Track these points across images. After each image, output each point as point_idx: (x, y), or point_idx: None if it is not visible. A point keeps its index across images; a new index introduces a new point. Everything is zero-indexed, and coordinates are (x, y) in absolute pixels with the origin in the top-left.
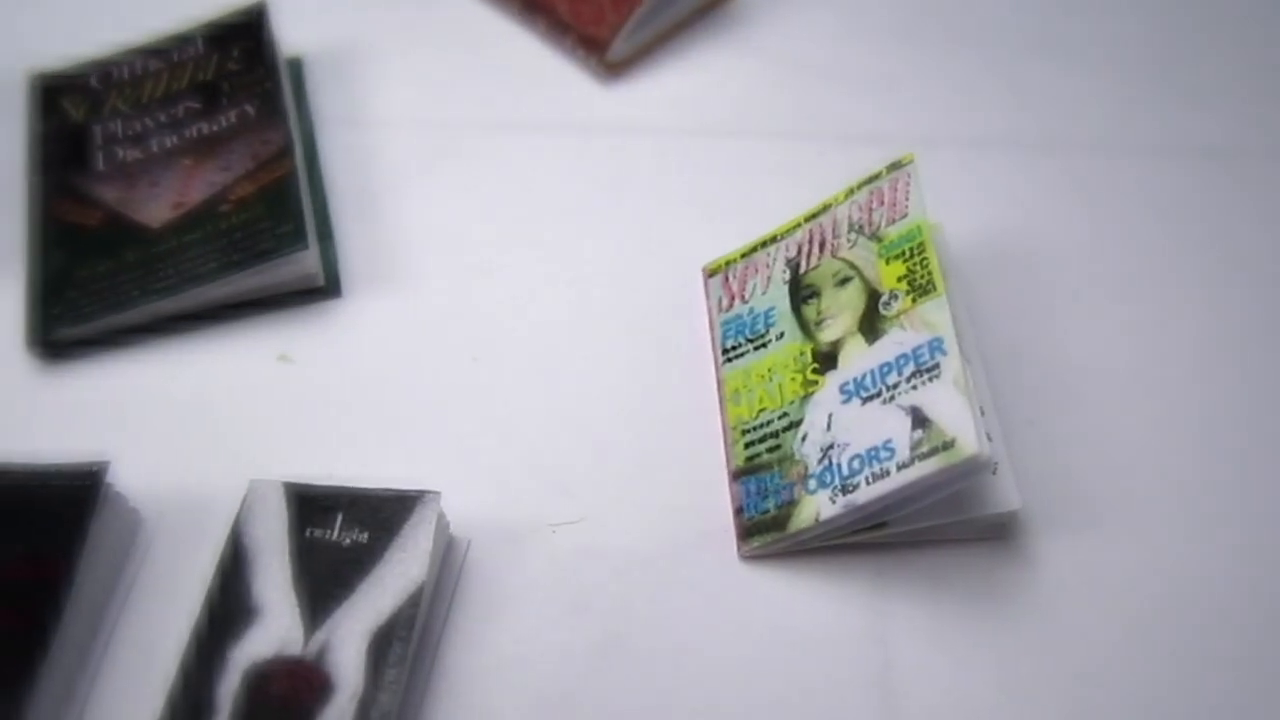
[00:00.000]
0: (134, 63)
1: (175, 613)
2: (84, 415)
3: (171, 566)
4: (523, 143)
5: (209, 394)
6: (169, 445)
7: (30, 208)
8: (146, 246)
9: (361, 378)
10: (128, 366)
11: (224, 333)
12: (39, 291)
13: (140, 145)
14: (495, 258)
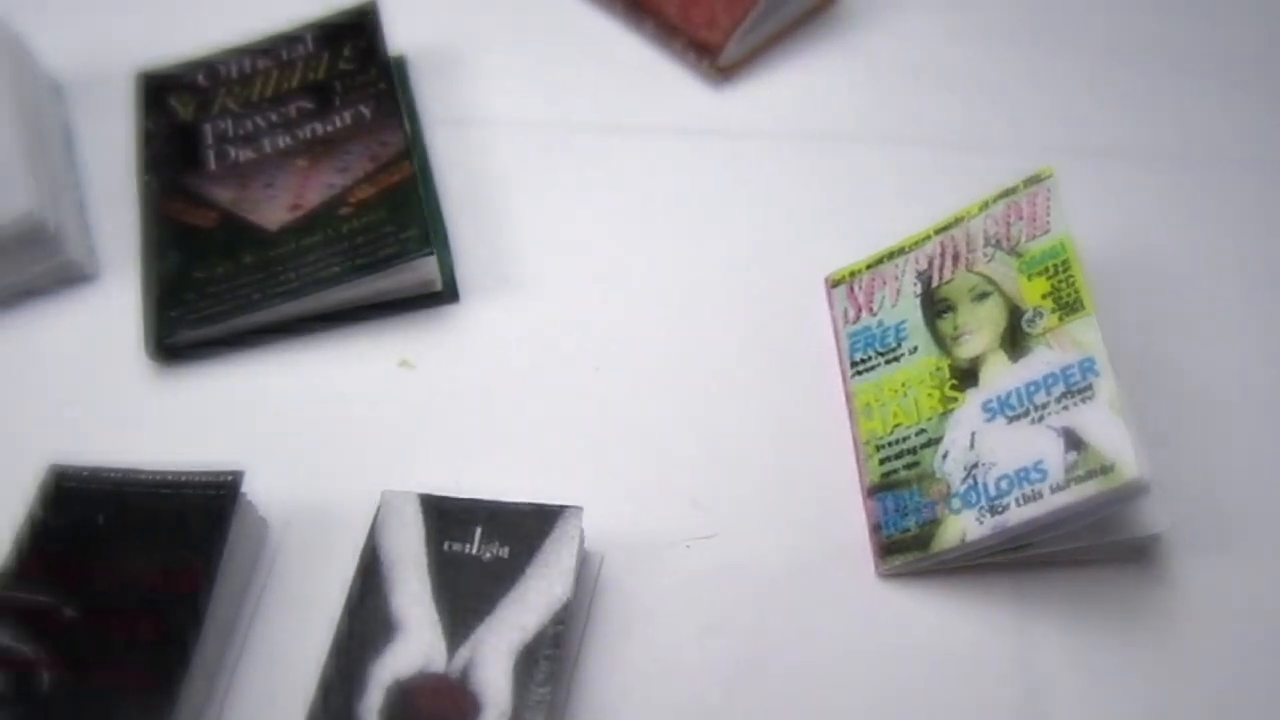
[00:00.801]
0: (242, 61)
1: (305, 623)
2: (201, 420)
3: (300, 576)
4: (633, 145)
5: (329, 399)
6: (290, 451)
7: (142, 207)
8: (265, 249)
9: (482, 384)
10: (244, 370)
11: (343, 337)
12: (156, 293)
13: (252, 145)
14: (611, 263)
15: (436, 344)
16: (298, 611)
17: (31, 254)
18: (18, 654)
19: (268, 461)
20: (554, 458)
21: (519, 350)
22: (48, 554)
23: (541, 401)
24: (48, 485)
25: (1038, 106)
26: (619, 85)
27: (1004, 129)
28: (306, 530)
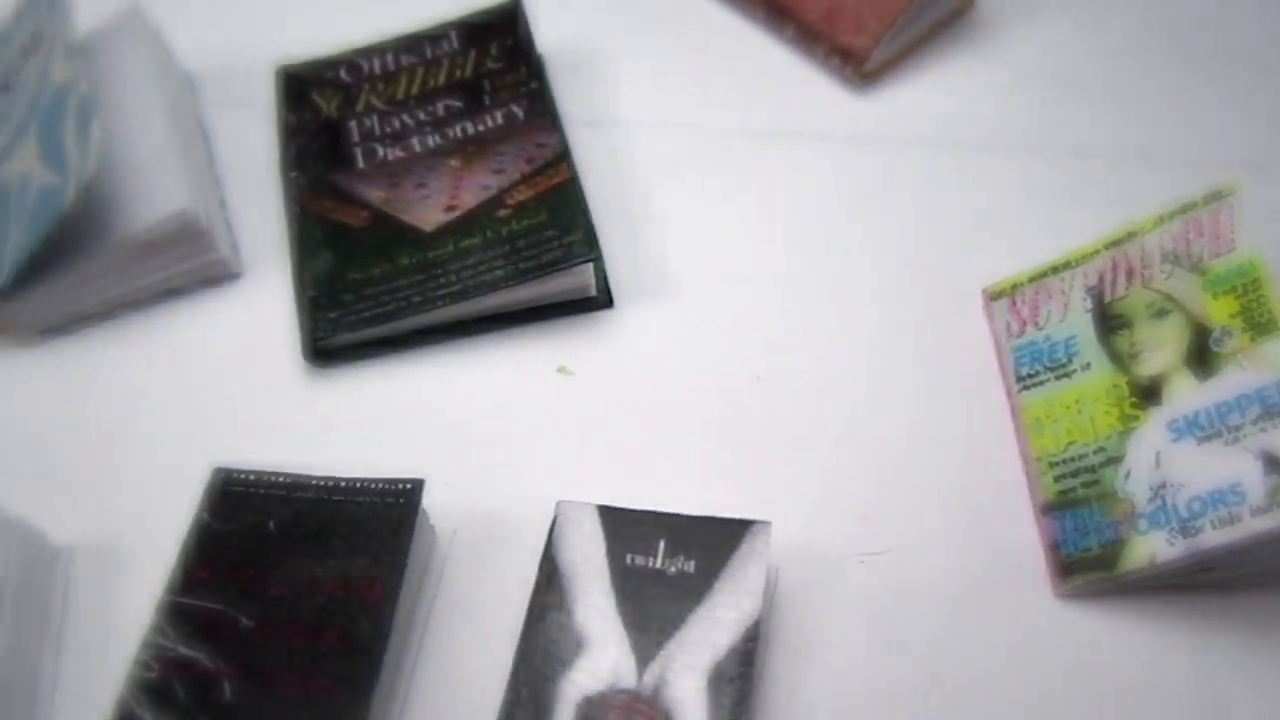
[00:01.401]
0: (384, 58)
1: (478, 634)
2: (355, 423)
3: (470, 585)
4: (776, 151)
5: (487, 406)
6: (450, 458)
7: (287, 204)
8: (421, 250)
9: (641, 392)
10: (398, 373)
11: (498, 342)
12: (310, 293)
13: (401, 144)
14: (762, 270)
15: (594, 350)
16: (469, 622)
17: (183, 252)
18: (197, 662)
19: (427, 468)
20: (718, 468)
21: (677, 358)
22: (217, 560)
23: (703, 411)
24: (213, 489)
25: (1179, 119)
26: (759, 89)
27: (1150, 142)
28: (474, 539)
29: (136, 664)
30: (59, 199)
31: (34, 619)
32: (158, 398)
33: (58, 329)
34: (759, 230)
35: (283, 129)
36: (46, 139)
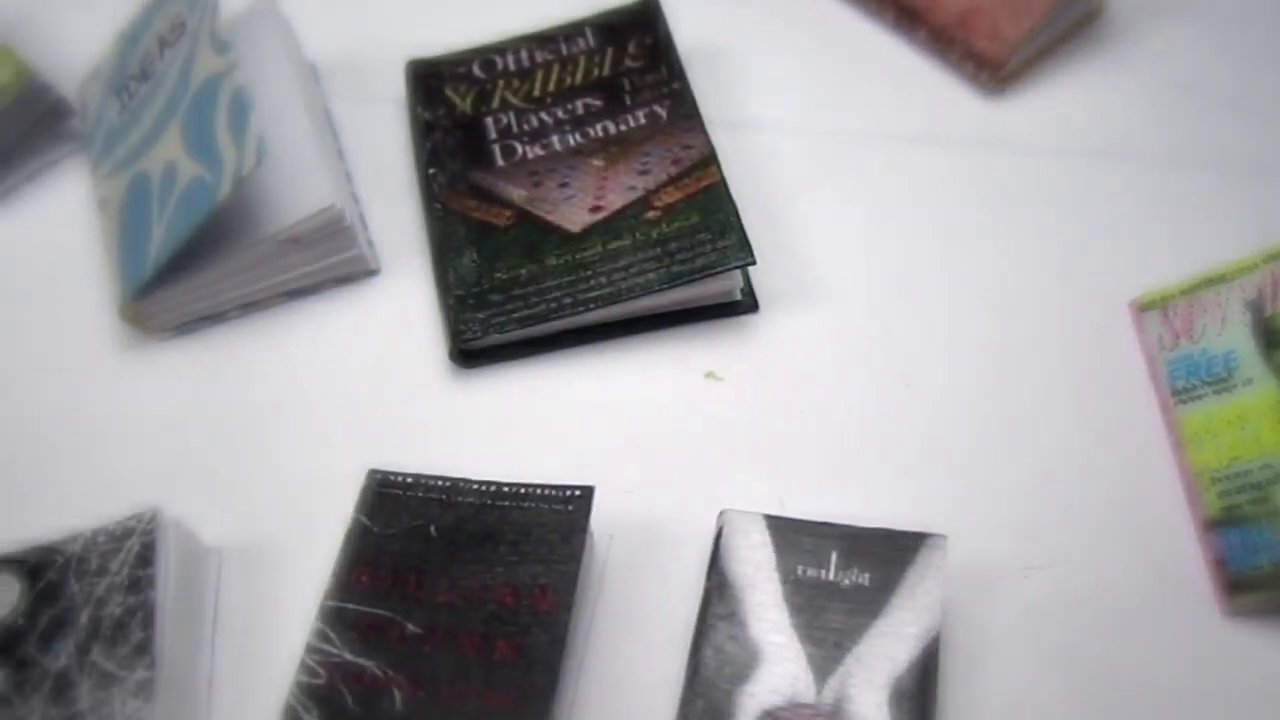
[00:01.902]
0: (519, 54)
1: (641, 643)
2: (500, 425)
3: (630, 593)
4: (909, 155)
5: (636, 409)
6: (600, 462)
7: (425, 200)
8: (569, 250)
9: (791, 399)
10: (543, 375)
11: (643, 346)
12: (456, 293)
13: (540, 142)
14: (906, 276)
15: (741, 356)
16: (631, 631)
17: (325, 248)
18: (365, 670)
19: (575, 471)
20: (873, 477)
21: (825, 365)
22: (378, 564)
23: (855, 419)
24: (369, 492)
25: None
26: (889, 93)
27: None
28: (630, 545)
29: (301, 669)
30: (211, 193)
31: (191, 620)
32: (297, 397)
33: (190, 326)
34: (897, 235)
35: (416, 124)
36: (193, 131)
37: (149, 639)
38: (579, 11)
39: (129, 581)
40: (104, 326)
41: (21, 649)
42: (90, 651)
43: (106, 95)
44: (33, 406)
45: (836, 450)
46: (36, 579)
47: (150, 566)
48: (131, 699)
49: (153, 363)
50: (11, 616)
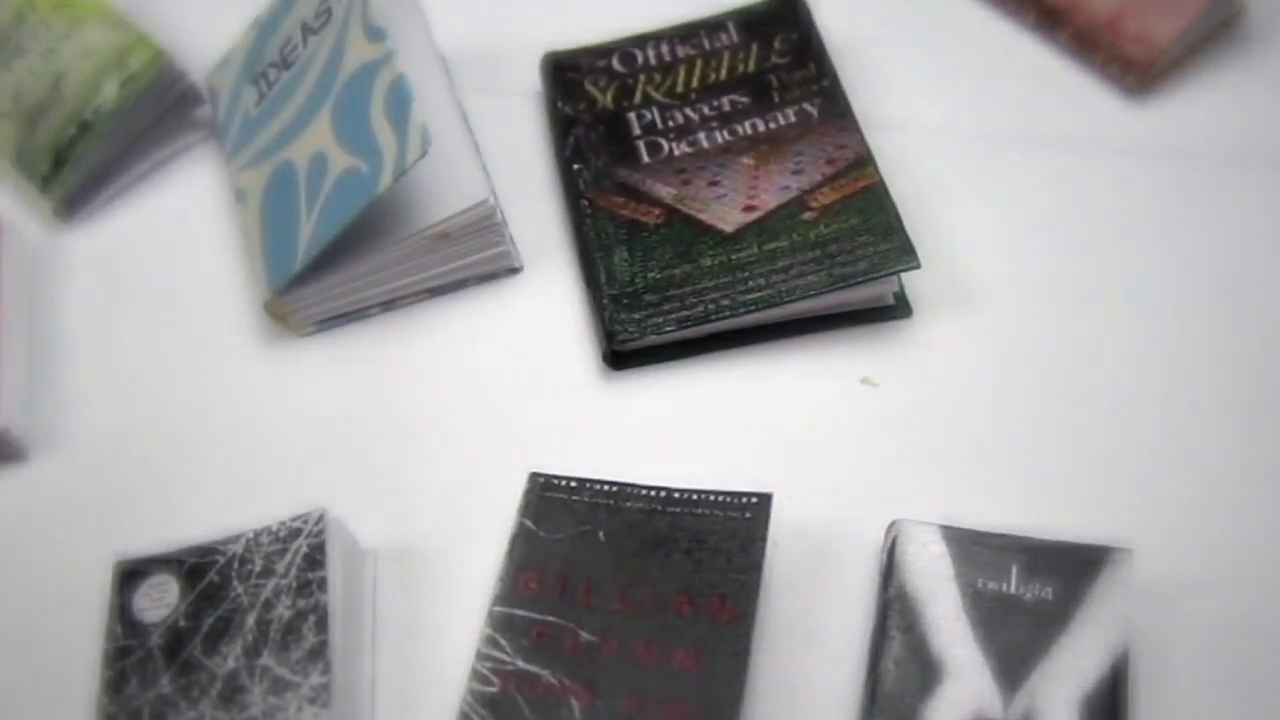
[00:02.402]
0: (659, 48)
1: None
2: (652, 427)
3: (797, 602)
4: (1058, 159)
5: (791, 414)
6: (756, 467)
7: (568, 197)
8: (724, 251)
9: (948, 406)
10: (697, 377)
11: (797, 349)
12: (610, 292)
13: (687, 139)
14: (1061, 282)
15: (895, 361)
16: (800, 641)
17: (475, 244)
18: (539, 678)
19: (733, 477)
20: (1036, 488)
21: (983, 371)
22: (546, 570)
23: (1015, 428)
24: (532, 495)
25: None
26: (1031, 95)
27: None
28: (794, 553)
29: (474, 676)
30: (369, 185)
31: (356, 624)
32: (443, 396)
33: (331, 323)
34: (1047, 240)
35: (555, 119)
36: (345, 121)
37: (323, 644)
38: (712, 6)
39: (298, 584)
40: (244, 321)
41: (186, 651)
42: (260, 655)
43: (241, 83)
44: (173, 404)
45: (997, 459)
46: (195, 579)
47: (320, 569)
48: (308, 705)
49: (295, 360)
50: (172, 617)
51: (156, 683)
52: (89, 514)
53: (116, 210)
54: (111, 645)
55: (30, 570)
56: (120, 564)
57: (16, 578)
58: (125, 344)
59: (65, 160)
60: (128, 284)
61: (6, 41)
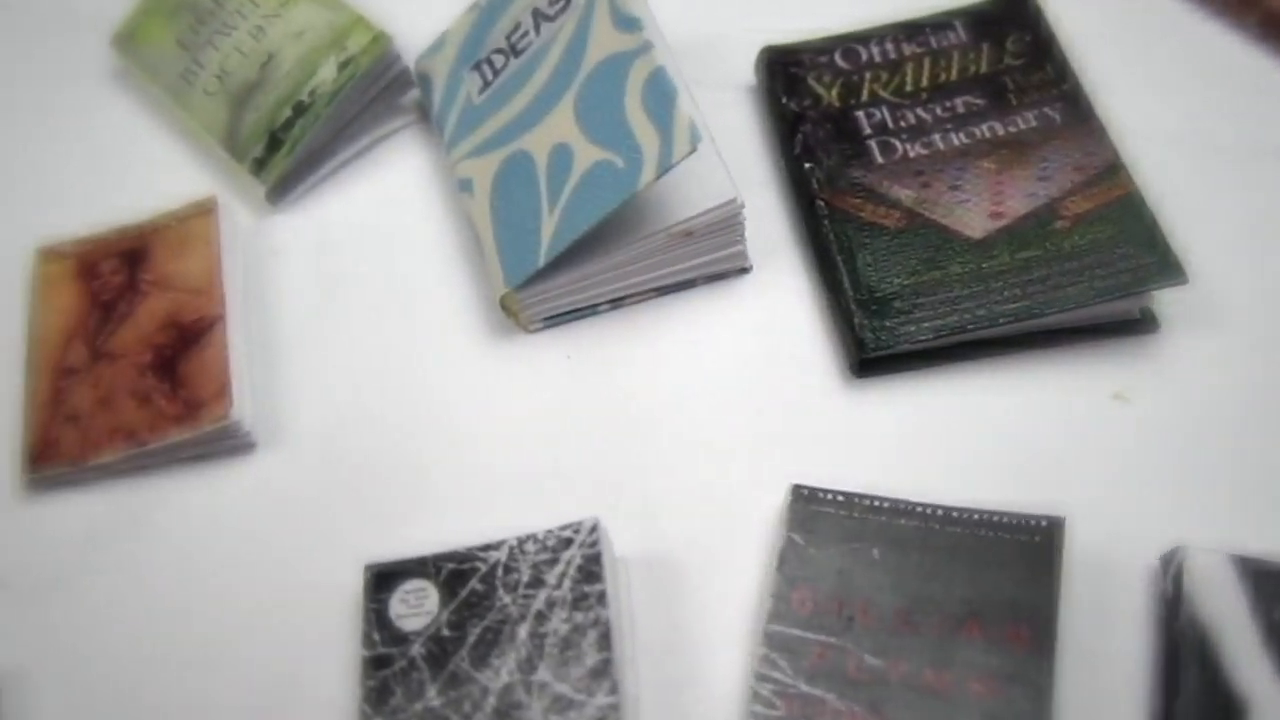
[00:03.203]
0: (883, 45)
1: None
2: (897, 437)
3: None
4: None
5: (1042, 428)
6: (1009, 482)
7: (801, 196)
8: (974, 259)
9: (1207, 426)
10: (942, 387)
11: (1043, 361)
12: (859, 298)
13: (921, 140)
14: None
15: (1146, 377)
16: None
17: (715, 243)
18: (825, 703)
19: (984, 492)
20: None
21: (1237, 390)
22: (818, 587)
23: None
24: (797, 508)
25: None
26: (1265, 107)
27: None
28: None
29: (755, 699)
30: (625, 180)
31: (623, 638)
32: (678, 397)
33: (559, 319)
34: None
35: (780, 115)
36: (593, 113)
37: (607, 662)
38: (929, 5)
39: (573, 597)
40: (468, 314)
41: (453, 662)
42: (536, 670)
43: (459, 69)
44: (397, 397)
45: (1256, 481)
46: (455, 586)
47: (598, 582)
48: None
49: (523, 356)
50: (434, 626)
51: (424, 694)
52: (318, 509)
53: (324, 195)
54: (370, 652)
55: (264, 564)
56: (371, 567)
57: (252, 571)
58: (343, 334)
59: (280, 142)
60: (341, 272)
61: (211, 19)
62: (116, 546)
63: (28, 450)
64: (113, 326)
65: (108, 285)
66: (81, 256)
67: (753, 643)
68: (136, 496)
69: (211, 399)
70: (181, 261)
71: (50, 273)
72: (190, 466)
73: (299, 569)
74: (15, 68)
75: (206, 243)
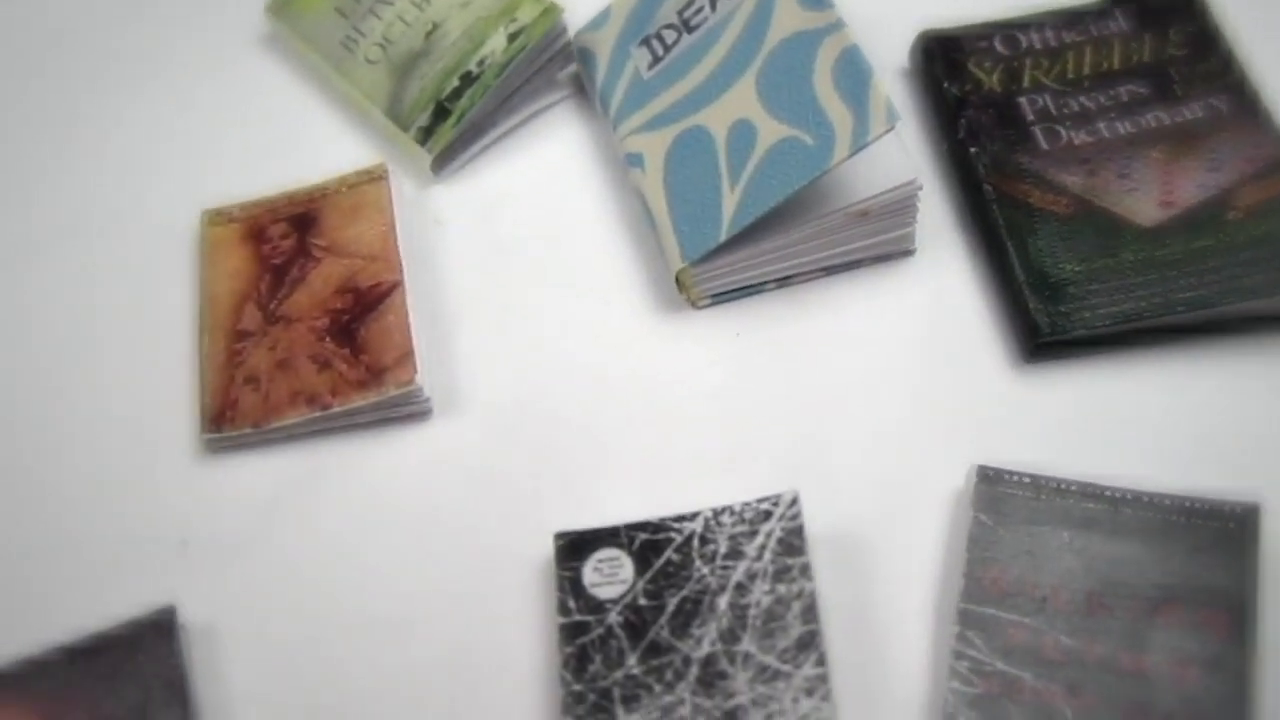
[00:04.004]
0: (1044, 31)
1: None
2: (1067, 424)
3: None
4: None
5: (1219, 418)
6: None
7: (966, 181)
8: (1147, 247)
9: None
10: (1114, 373)
11: (1217, 349)
12: (1032, 283)
13: (1086, 128)
14: None
15: None
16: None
17: (887, 224)
18: (1021, 683)
19: (1164, 479)
20: None
21: None
22: (1010, 567)
23: None
24: (982, 489)
25: None
26: None
27: None
28: None
29: (954, 675)
30: (816, 157)
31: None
32: (848, 376)
33: (727, 296)
34: None
35: (941, 99)
36: (777, 90)
37: (813, 634)
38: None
39: (775, 569)
40: (634, 287)
41: (652, 631)
42: (739, 641)
43: (624, 44)
44: (566, 367)
45: None
46: (649, 556)
47: (801, 554)
48: (805, 697)
49: (691, 331)
50: (630, 595)
51: (623, 662)
52: (498, 476)
53: (483, 167)
54: (566, 619)
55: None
56: (562, 535)
57: (434, 535)
58: (510, 304)
59: (447, 112)
60: (505, 243)
61: None
62: (298, 508)
63: (207, 412)
64: (285, 291)
65: (278, 249)
66: (249, 220)
67: (946, 620)
68: (315, 459)
69: (395, 364)
70: (354, 227)
71: (217, 235)
72: (367, 431)
73: (483, 535)
74: (173, 32)
75: (379, 209)
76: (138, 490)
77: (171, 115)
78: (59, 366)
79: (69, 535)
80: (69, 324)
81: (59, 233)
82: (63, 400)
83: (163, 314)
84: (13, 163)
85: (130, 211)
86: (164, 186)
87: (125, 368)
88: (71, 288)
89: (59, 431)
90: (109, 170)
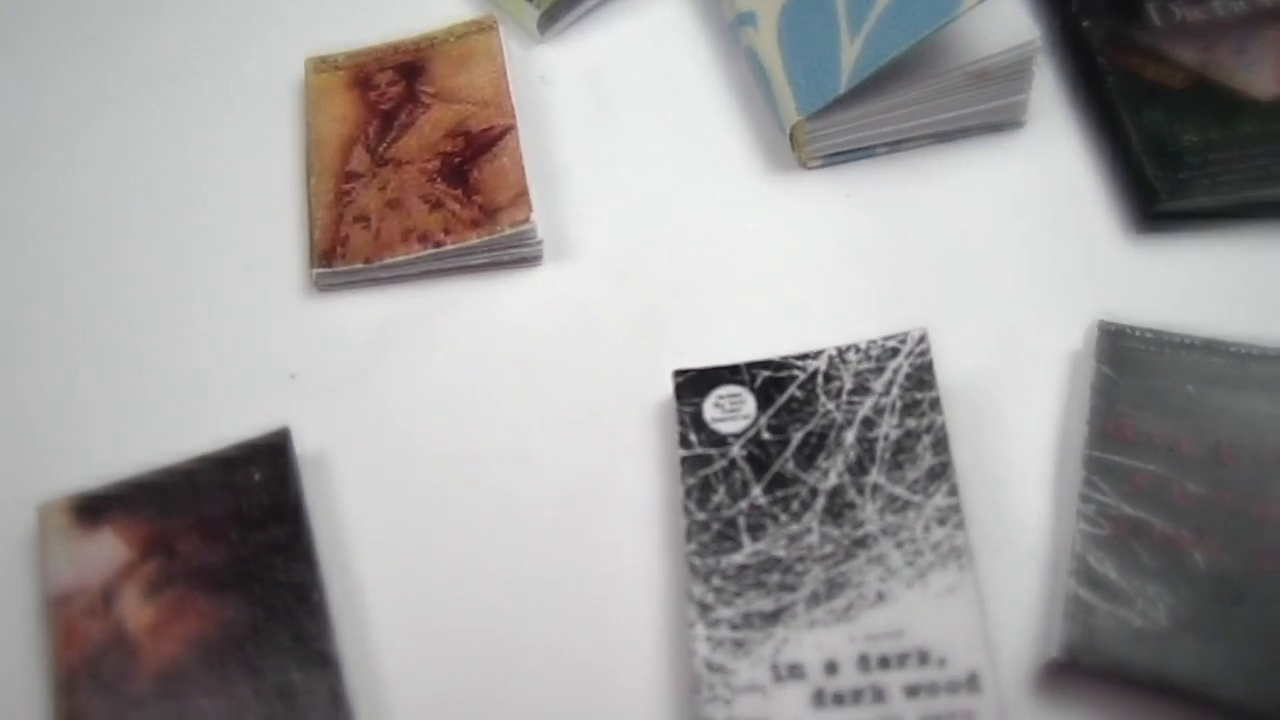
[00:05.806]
0: None
1: None
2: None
3: None
4: None
5: None
6: None
7: (1078, 54)
8: (1264, 120)
9: None
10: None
11: None
12: (1149, 153)
13: (1201, 6)
14: None
15: None
16: None
17: (1003, 88)
18: (1149, 525)
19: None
20: None
21: None
22: (1133, 417)
23: None
24: (1104, 343)
25: None
26: None
27: None
28: None
29: (1081, 518)
30: (941, 4)
31: None
32: (960, 241)
33: (838, 158)
34: None
35: None
36: None
37: (945, 465)
38: None
39: (904, 404)
40: (745, 148)
41: (777, 463)
42: (868, 473)
43: None
44: (677, 222)
45: None
46: (772, 393)
47: (930, 389)
48: (936, 526)
49: (803, 192)
50: (753, 430)
51: (748, 493)
52: (611, 321)
53: (588, 29)
54: (688, 452)
55: (560, 370)
56: (680, 372)
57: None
58: (618, 159)
59: None
60: (612, 100)
61: None
62: (407, 347)
63: (318, 248)
64: (394, 135)
65: (385, 95)
66: (355, 68)
67: (1070, 468)
68: (425, 300)
69: (509, 204)
70: (464, 75)
71: (323, 82)
72: (476, 275)
73: (597, 376)
74: None
75: (490, 57)
76: (249, 326)
77: None
78: (172, 207)
79: (184, 367)
80: (181, 168)
81: (169, 77)
82: (177, 238)
83: (271, 158)
84: (124, 6)
85: (237, 58)
86: (270, 35)
87: (236, 208)
88: (181, 131)
89: (174, 268)
90: (218, 17)
